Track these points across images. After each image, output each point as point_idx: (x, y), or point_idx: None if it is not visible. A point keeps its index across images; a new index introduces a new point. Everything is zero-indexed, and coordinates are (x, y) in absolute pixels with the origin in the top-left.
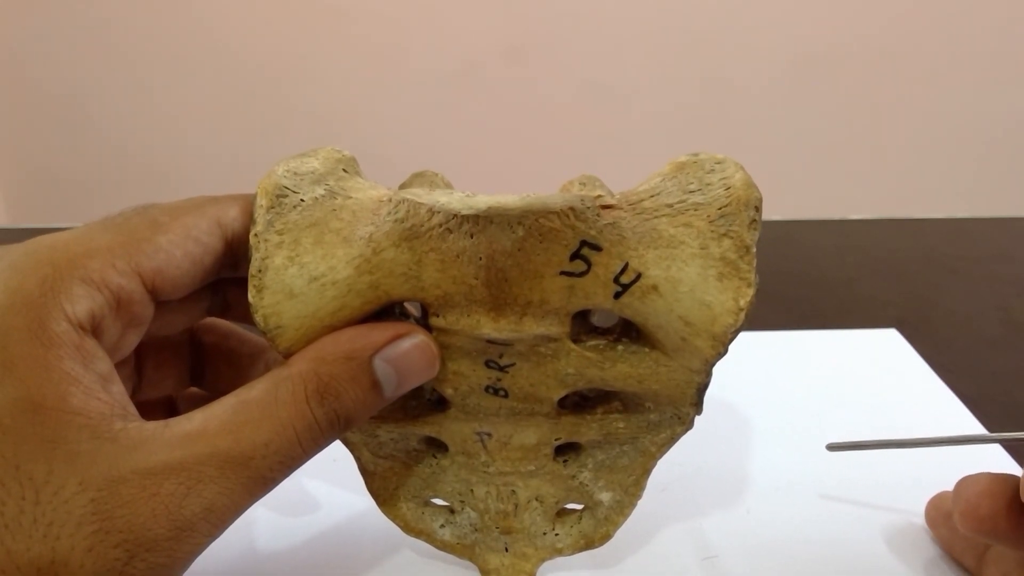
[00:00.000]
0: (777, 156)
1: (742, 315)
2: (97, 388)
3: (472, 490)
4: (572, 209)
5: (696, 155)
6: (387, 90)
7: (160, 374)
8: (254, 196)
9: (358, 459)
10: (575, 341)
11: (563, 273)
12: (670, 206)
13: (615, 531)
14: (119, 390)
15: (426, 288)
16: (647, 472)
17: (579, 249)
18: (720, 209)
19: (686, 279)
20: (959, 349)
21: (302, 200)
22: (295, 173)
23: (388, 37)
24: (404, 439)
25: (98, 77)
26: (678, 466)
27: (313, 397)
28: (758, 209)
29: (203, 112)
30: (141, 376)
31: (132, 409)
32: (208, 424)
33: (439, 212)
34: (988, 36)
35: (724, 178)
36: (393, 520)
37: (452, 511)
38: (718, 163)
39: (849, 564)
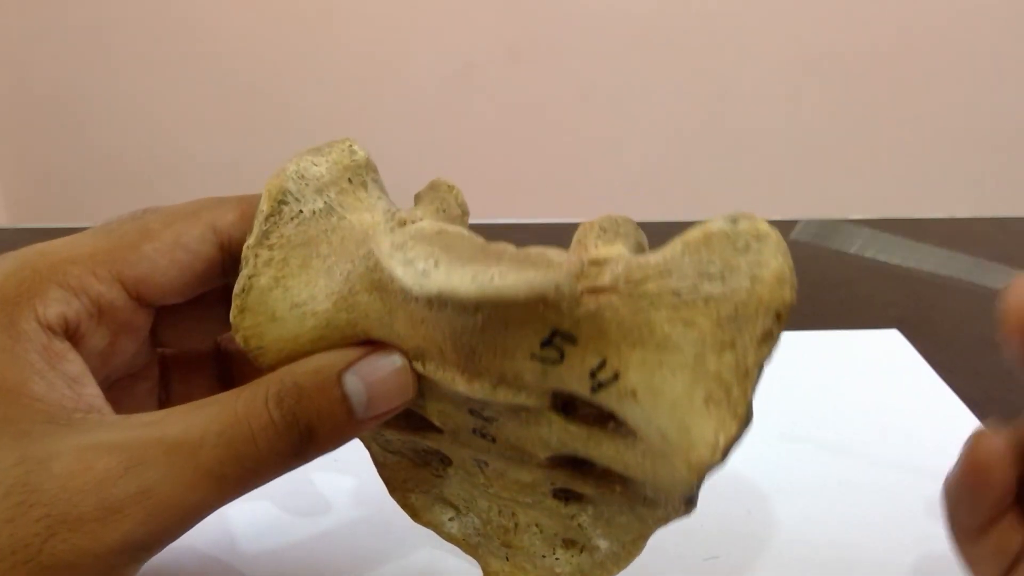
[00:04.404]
0: (777, 156)
1: (719, 454)
2: (61, 385)
3: (476, 501)
4: (542, 299)
5: (735, 222)
6: (387, 91)
7: (187, 386)
8: (258, 196)
9: (369, 449)
10: (562, 409)
11: (535, 357)
12: (676, 294)
13: None
14: (92, 393)
15: (400, 338)
16: (645, 537)
17: (551, 337)
18: (735, 308)
19: (669, 392)
20: (960, 349)
21: (301, 211)
22: (302, 177)
23: (388, 38)
24: (412, 442)
25: (98, 77)
26: None
27: (273, 399)
28: (780, 318)
29: (203, 113)
30: (168, 390)
31: (107, 410)
32: (167, 416)
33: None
34: (988, 36)
35: (755, 263)
36: (402, 507)
37: (459, 511)
38: (756, 239)
39: (850, 565)
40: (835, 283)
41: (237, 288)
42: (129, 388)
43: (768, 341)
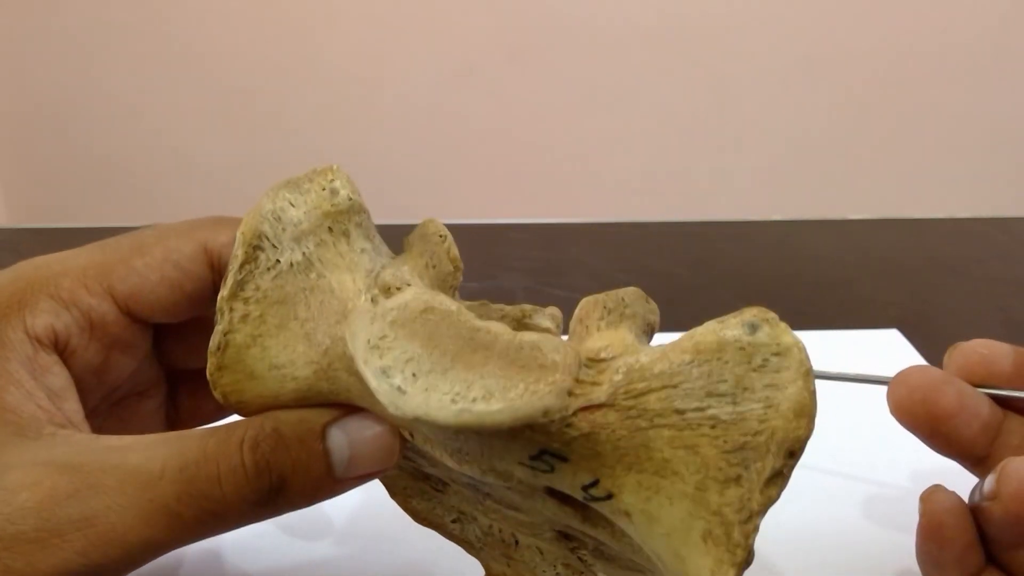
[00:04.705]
0: (777, 156)
1: None
2: (41, 396)
3: (476, 517)
4: (528, 426)
5: (753, 331)
6: (387, 92)
7: (195, 401)
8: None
9: None
10: (557, 494)
11: (523, 465)
12: (680, 413)
13: None
14: (72, 408)
15: (384, 413)
16: None
17: (540, 454)
18: (744, 438)
19: (665, 521)
20: None
21: (278, 261)
22: (278, 219)
23: (388, 39)
24: (409, 462)
25: (98, 79)
26: None
27: (248, 442)
28: (793, 455)
29: (202, 113)
30: (178, 407)
31: (84, 428)
32: (136, 442)
33: None
34: (988, 36)
35: (771, 386)
36: (404, 510)
37: (460, 519)
38: (776, 355)
39: (851, 565)
40: (835, 283)
41: (212, 345)
42: (134, 406)
43: (777, 481)
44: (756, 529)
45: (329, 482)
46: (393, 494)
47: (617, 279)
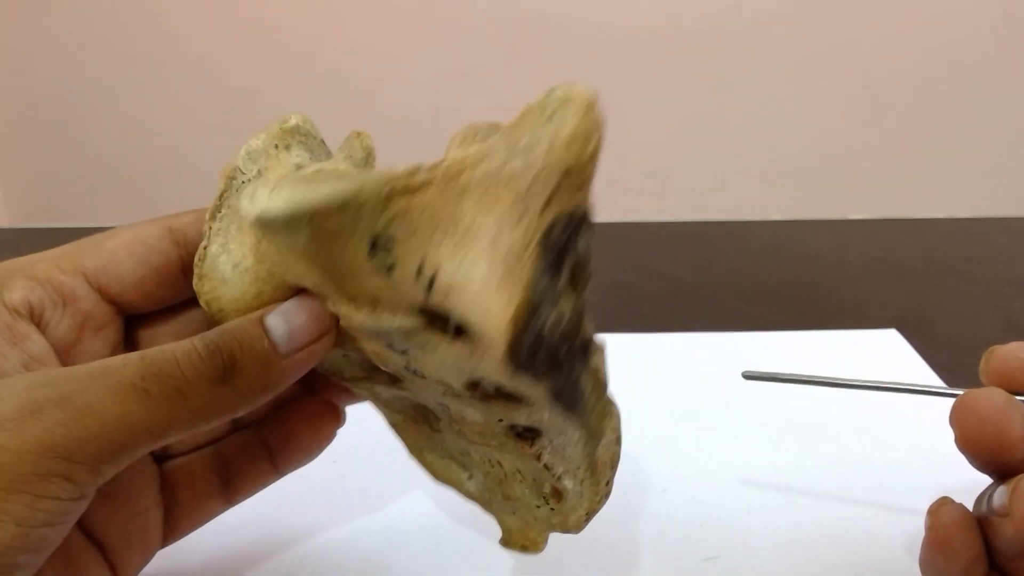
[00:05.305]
0: (777, 156)
1: (509, 334)
2: (20, 363)
3: (468, 453)
4: (346, 205)
5: (549, 93)
6: (387, 93)
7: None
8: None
9: (380, 412)
10: (445, 331)
11: (371, 263)
12: (484, 176)
13: (584, 523)
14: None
15: (299, 277)
16: (595, 471)
17: (374, 242)
18: (532, 178)
19: (475, 279)
20: (959, 349)
21: (244, 183)
22: (248, 154)
23: (387, 39)
24: (400, 397)
25: (98, 79)
26: (677, 467)
27: (199, 339)
28: (570, 175)
29: (202, 113)
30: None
31: None
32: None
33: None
34: (988, 36)
35: (555, 129)
36: (423, 467)
37: (466, 468)
38: (564, 104)
39: (850, 564)
40: (835, 283)
41: (196, 258)
42: None
43: (556, 202)
44: (546, 255)
45: (276, 358)
46: (410, 450)
47: (617, 279)
